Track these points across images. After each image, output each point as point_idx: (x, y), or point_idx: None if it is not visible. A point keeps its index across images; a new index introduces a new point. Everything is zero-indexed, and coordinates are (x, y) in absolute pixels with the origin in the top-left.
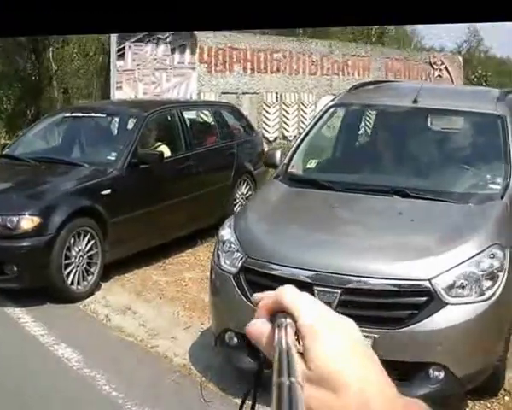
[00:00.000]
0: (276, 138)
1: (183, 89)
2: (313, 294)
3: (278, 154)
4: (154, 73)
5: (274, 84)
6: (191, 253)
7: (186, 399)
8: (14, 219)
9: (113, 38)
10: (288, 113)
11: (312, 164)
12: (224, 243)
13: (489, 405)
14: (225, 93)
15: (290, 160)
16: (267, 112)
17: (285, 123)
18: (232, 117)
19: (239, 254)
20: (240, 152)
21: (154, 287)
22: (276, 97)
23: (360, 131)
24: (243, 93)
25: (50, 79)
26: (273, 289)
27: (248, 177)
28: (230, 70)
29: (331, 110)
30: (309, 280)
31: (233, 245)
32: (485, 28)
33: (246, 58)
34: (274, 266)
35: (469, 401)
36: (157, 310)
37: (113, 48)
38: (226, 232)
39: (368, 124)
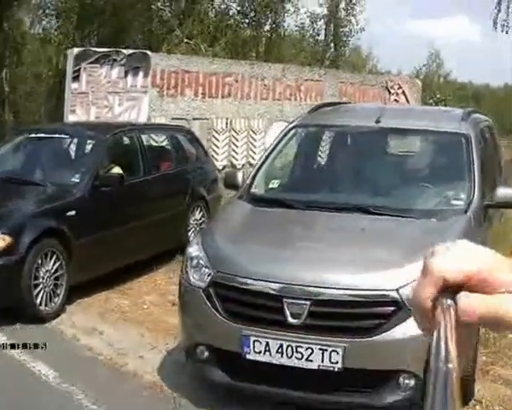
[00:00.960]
0: (224, 167)
1: (135, 113)
2: (282, 306)
3: (240, 175)
4: (107, 96)
5: (224, 109)
6: (148, 278)
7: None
8: None
9: (70, 58)
10: (238, 140)
11: (275, 184)
12: (192, 260)
13: None
14: (176, 118)
15: (252, 180)
16: (216, 139)
17: (234, 151)
18: (187, 141)
19: (207, 269)
20: (194, 178)
21: (117, 309)
22: (226, 124)
23: (322, 152)
24: (194, 119)
25: (3, 101)
26: (243, 302)
27: (202, 203)
28: (182, 94)
29: (292, 131)
30: (278, 293)
31: (201, 261)
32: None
33: (198, 82)
34: (243, 280)
35: None
36: (122, 331)
37: (69, 69)
38: (194, 249)
39: (330, 144)
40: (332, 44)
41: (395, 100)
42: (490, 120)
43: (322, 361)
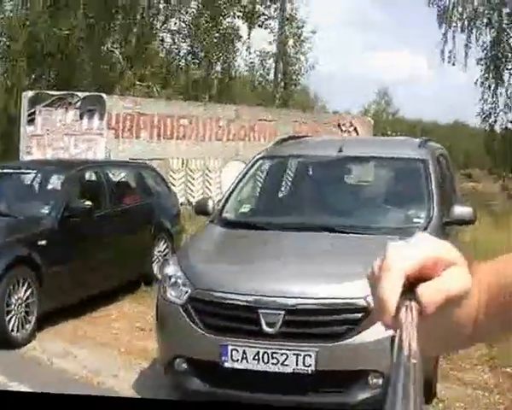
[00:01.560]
0: (181, 204)
1: (91, 155)
2: (258, 316)
3: (210, 202)
4: (62, 138)
5: (180, 150)
6: (115, 306)
7: None
8: None
9: (25, 102)
10: (194, 179)
11: (245, 209)
12: (170, 278)
13: None
14: (132, 159)
15: (223, 206)
16: (173, 178)
17: (190, 189)
18: (150, 177)
19: (185, 287)
20: (158, 211)
21: (87, 335)
22: (182, 163)
23: (288, 180)
24: (150, 159)
25: None
26: (220, 315)
27: (166, 235)
28: (137, 136)
29: (259, 162)
30: (253, 305)
31: (179, 280)
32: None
33: (153, 124)
34: (220, 295)
35: None
36: (95, 354)
37: (24, 112)
38: (171, 269)
39: (295, 172)
40: (282, 83)
41: None
42: (443, 148)
43: (297, 365)
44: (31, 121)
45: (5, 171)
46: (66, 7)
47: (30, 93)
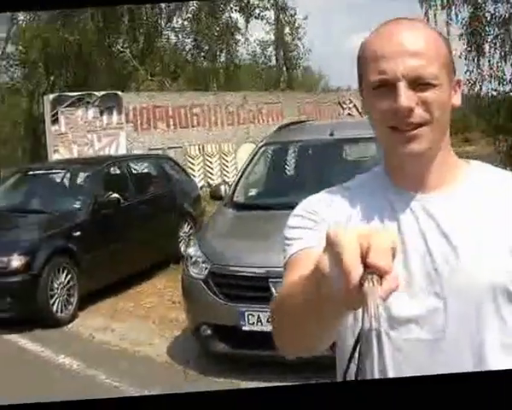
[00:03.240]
0: (202, 187)
1: (114, 148)
2: (269, 285)
3: (223, 188)
4: (86, 135)
5: (195, 137)
6: (147, 284)
7: (174, 382)
8: (5, 259)
9: (47, 104)
10: (211, 162)
11: (252, 193)
12: (191, 258)
13: None
14: (152, 149)
15: (234, 191)
16: (192, 164)
17: (209, 172)
18: (169, 167)
19: (204, 264)
20: (179, 197)
21: (124, 311)
22: (199, 150)
23: (289, 163)
24: (169, 148)
25: None
26: (236, 285)
27: (189, 217)
28: (155, 127)
29: (262, 149)
30: (264, 275)
31: (199, 258)
32: None
33: (168, 115)
34: (235, 268)
35: None
36: (131, 327)
37: (48, 114)
38: (192, 249)
39: (295, 156)
40: (284, 68)
41: (348, 114)
42: None
43: None
44: (54, 121)
45: (38, 172)
46: (74, 14)
47: (51, 96)
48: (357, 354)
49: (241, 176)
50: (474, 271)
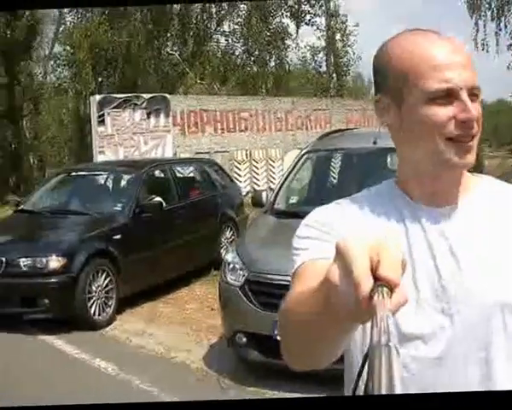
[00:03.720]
0: (248, 193)
1: (160, 150)
2: None
3: (264, 195)
4: (132, 137)
5: (243, 142)
6: (188, 289)
7: (207, 389)
8: (44, 260)
9: (93, 105)
10: (258, 168)
11: (293, 200)
12: (229, 264)
13: None
14: (199, 153)
15: (275, 198)
16: (238, 168)
17: (255, 178)
18: (213, 171)
19: (242, 271)
20: (223, 202)
21: (162, 315)
22: (246, 155)
23: (332, 171)
24: (215, 152)
25: (28, 147)
26: (272, 294)
27: (231, 223)
28: (202, 131)
29: (305, 156)
30: None
31: (237, 265)
32: None
33: (216, 119)
34: (271, 276)
35: None
36: (169, 332)
37: (94, 115)
38: (230, 256)
39: (338, 164)
40: (334, 75)
41: None
42: None
43: None
44: (101, 123)
45: (81, 173)
46: (123, 16)
47: (97, 97)
48: (365, 371)
49: (283, 183)
50: (481, 289)
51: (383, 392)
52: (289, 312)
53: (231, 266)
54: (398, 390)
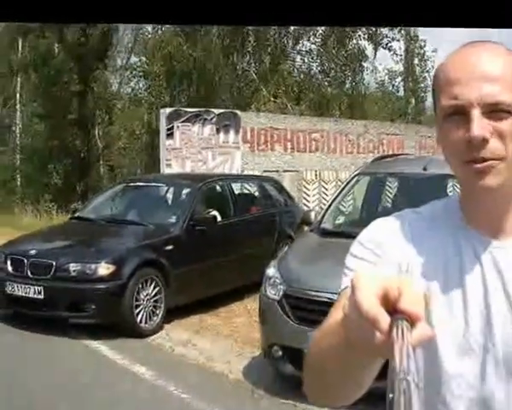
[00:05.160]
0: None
1: (228, 167)
2: None
3: (312, 214)
4: (200, 151)
5: (313, 162)
6: (239, 304)
7: (240, 398)
8: (93, 266)
9: (163, 118)
10: (327, 189)
11: (340, 221)
12: (270, 279)
13: None
14: (267, 171)
15: (322, 217)
16: (307, 188)
17: (324, 199)
18: (274, 189)
19: (281, 286)
20: (281, 220)
21: (210, 328)
22: (315, 175)
23: (382, 194)
24: (284, 171)
25: (98, 156)
26: (309, 309)
27: (289, 241)
28: (272, 149)
29: (356, 178)
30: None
31: (277, 280)
32: None
33: (286, 138)
34: (308, 292)
35: None
36: (213, 343)
37: (163, 127)
38: (271, 270)
39: (387, 188)
40: (412, 100)
41: None
42: None
43: None
44: (170, 136)
45: (139, 184)
46: (200, 30)
47: (168, 110)
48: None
49: (332, 203)
50: None
51: None
52: (314, 344)
53: (272, 280)
54: None
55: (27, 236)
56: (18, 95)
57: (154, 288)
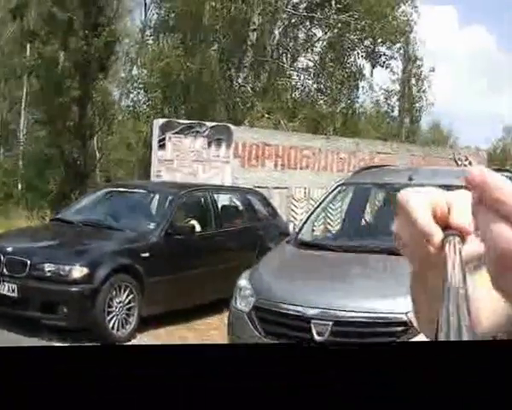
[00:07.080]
0: None
1: (218, 181)
2: (310, 325)
3: (291, 226)
4: (191, 164)
5: (303, 179)
6: (217, 317)
7: None
8: (67, 267)
9: (156, 128)
10: None
11: (319, 232)
12: (240, 290)
13: None
14: (257, 187)
15: (300, 229)
16: (295, 206)
17: None
18: (257, 202)
19: (251, 297)
20: (265, 233)
21: (185, 339)
22: (305, 193)
23: (361, 205)
24: (274, 187)
25: (95, 166)
26: (278, 322)
27: None
28: (262, 165)
29: (338, 188)
30: (307, 315)
31: (248, 291)
32: None
33: (277, 154)
34: (279, 305)
35: None
36: None
37: (155, 138)
38: (243, 281)
39: (369, 198)
40: (407, 120)
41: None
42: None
43: None
44: (161, 147)
45: (121, 190)
46: (200, 43)
47: (161, 120)
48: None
49: (312, 213)
50: None
51: (452, 338)
52: None
53: (242, 291)
54: (466, 337)
55: (5, 233)
56: (23, 100)
57: (128, 295)
